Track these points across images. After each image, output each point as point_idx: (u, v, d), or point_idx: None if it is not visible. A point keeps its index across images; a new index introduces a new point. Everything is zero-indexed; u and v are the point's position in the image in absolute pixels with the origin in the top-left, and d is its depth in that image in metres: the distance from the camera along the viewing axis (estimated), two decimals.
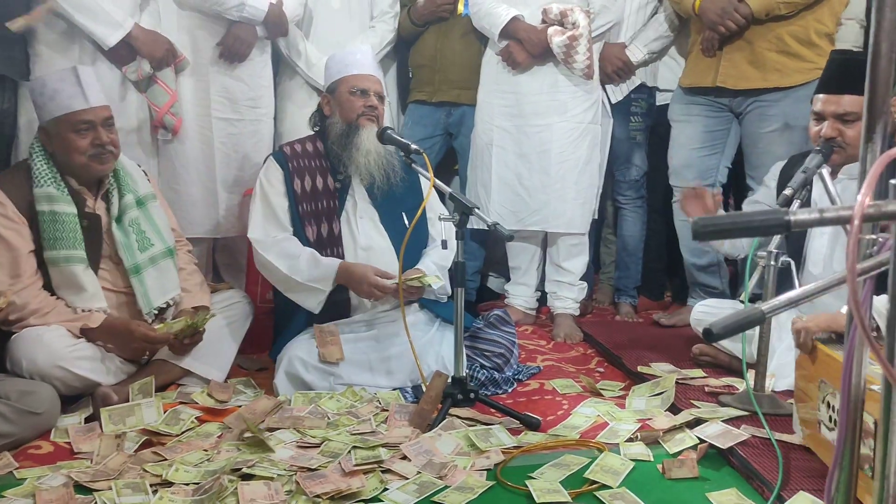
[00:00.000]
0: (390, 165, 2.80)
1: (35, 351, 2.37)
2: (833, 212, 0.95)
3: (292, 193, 2.80)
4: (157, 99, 3.09)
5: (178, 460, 2.08)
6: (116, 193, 2.64)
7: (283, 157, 2.85)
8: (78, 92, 2.53)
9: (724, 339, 1.06)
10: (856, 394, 1.20)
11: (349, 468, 2.00)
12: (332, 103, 2.87)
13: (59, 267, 2.49)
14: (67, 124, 2.52)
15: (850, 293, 0.92)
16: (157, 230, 2.72)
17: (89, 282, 2.53)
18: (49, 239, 2.48)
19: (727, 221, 0.98)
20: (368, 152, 2.77)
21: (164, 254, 2.72)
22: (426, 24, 3.67)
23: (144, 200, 2.73)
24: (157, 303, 2.66)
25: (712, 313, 2.84)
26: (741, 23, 3.16)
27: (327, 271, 2.69)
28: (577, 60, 3.29)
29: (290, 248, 2.74)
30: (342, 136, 2.81)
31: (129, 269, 2.62)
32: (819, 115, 2.54)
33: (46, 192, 2.50)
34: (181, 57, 3.15)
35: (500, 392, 2.73)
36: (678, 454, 2.14)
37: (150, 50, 3.03)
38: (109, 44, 2.94)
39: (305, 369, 2.63)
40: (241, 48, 3.22)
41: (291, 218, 2.80)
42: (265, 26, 3.28)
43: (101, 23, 2.92)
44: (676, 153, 3.52)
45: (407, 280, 2.65)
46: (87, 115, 2.54)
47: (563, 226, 3.47)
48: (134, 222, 2.66)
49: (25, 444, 2.21)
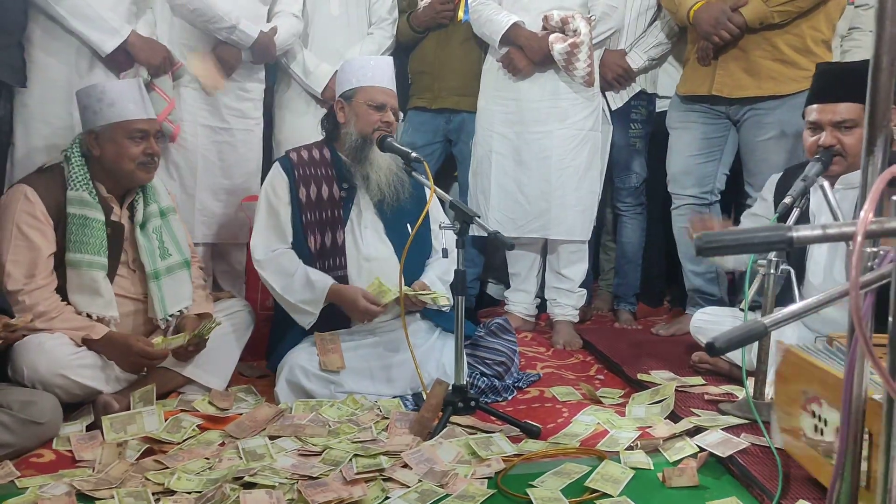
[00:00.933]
0: (400, 181, 2.80)
1: (36, 359, 2.37)
2: (836, 228, 0.96)
3: (297, 202, 2.80)
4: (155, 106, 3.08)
5: (180, 468, 2.08)
6: (142, 202, 2.70)
7: (289, 164, 2.84)
8: (140, 102, 2.65)
9: (726, 353, 1.06)
10: (857, 405, 1.21)
11: (350, 476, 2.01)
12: (348, 112, 2.82)
13: (80, 271, 2.52)
14: (124, 131, 2.59)
15: (852, 307, 0.93)
16: (176, 242, 2.78)
17: (106, 289, 2.56)
18: (75, 242, 2.52)
19: (730, 238, 0.99)
20: (381, 168, 2.77)
21: (181, 265, 2.76)
22: (426, 31, 3.68)
23: (166, 212, 2.79)
24: (171, 310, 2.70)
25: (712, 321, 2.85)
26: (735, 32, 3.17)
27: (318, 294, 2.69)
28: (578, 68, 3.30)
29: (286, 265, 2.74)
30: (356, 149, 2.79)
31: (149, 273, 2.66)
32: (815, 124, 2.55)
33: (80, 197, 2.55)
34: (178, 64, 3.17)
35: (501, 400, 2.74)
36: (678, 462, 2.15)
37: (147, 57, 3.03)
38: (106, 50, 2.95)
39: (306, 377, 2.64)
40: (222, 69, 3.25)
41: (294, 227, 2.80)
42: (251, 51, 3.29)
43: (98, 29, 2.93)
44: (674, 160, 3.53)
45: (418, 296, 2.65)
46: (144, 125, 2.63)
47: (563, 233, 3.48)
48: (157, 230, 2.72)
49: (27, 454, 2.21)
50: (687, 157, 3.47)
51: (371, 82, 2.80)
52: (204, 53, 3.22)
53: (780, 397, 2.12)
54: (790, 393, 2.04)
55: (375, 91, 2.79)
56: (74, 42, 2.96)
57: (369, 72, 2.81)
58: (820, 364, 1.93)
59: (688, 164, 3.47)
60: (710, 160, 3.45)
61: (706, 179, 3.46)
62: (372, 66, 2.83)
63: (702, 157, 3.45)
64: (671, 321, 3.67)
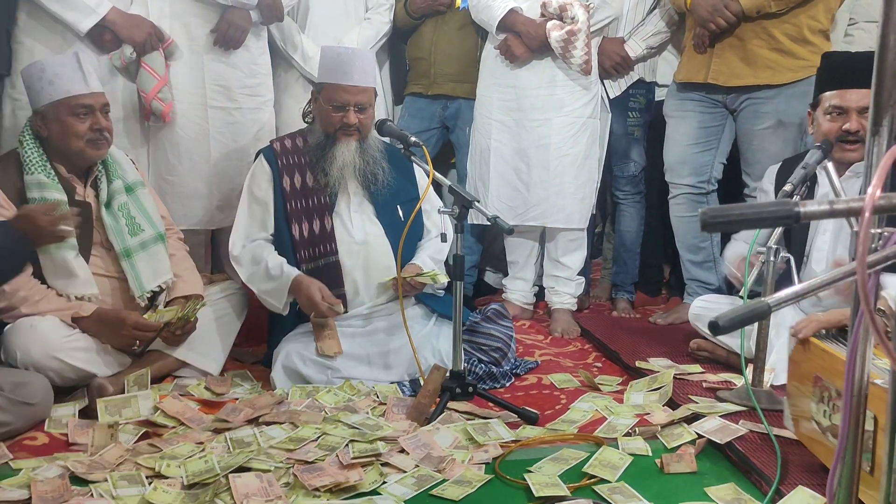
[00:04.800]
0: (370, 171, 2.77)
1: (29, 342, 2.36)
2: (843, 203, 0.95)
3: (280, 191, 2.78)
4: (144, 85, 3.00)
5: (168, 453, 2.06)
6: (105, 179, 2.64)
7: (272, 154, 2.82)
8: (79, 76, 2.54)
9: (730, 332, 1.04)
10: (859, 388, 1.20)
11: (347, 461, 1.99)
12: (315, 107, 2.83)
13: (50, 254, 2.47)
14: (67, 108, 2.52)
15: (859, 285, 0.91)
16: (147, 216, 2.72)
17: (80, 268, 2.52)
18: None
19: (736, 213, 0.97)
20: (345, 166, 2.75)
21: (155, 239, 2.70)
22: (422, 17, 3.65)
23: (133, 187, 2.72)
24: (149, 286, 2.65)
25: (711, 308, 2.84)
26: (731, 20, 3.15)
27: (280, 285, 2.68)
28: (575, 56, 3.28)
29: (257, 255, 2.74)
30: (319, 147, 2.79)
31: (120, 252, 2.61)
32: (839, 109, 2.54)
33: (37, 180, 2.49)
34: (168, 40, 3.06)
35: (498, 386, 2.73)
36: (676, 449, 2.14)
37: (129, 34, 2.95)
38: (82, 30, 2.89)
39: (303, 363, 2.63)
40: (235, 34, 3.16)
41: (277, 217, 2.79)
42: (259, 11, 3.21)
43: (73, 9, 2.86)
44: (671, 150, 3.52)
45: (417, 277, 2.64)
46: (88, 100, 2.54)
47: (561, 221, 3.46)
48: (123, 207, 2.65)
49: (19, 436, 2.20)
50: (684, 147, 3.45)
51: (336, 79, 2.74)
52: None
53: (792, 386, 2.11)
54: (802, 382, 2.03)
55: (338, 91, 2.73)
56: (61, 26, 2.90)
57: (337, 68, 2.74)
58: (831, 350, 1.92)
59: (684, 154, 3.45)
60: (707, 149, 3.44)
61: (703, 169, 3.44)
62: (341, 62, 2.74)
63: (698, 147, 3.43)
64: (669, 310, 3.65)
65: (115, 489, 1.87)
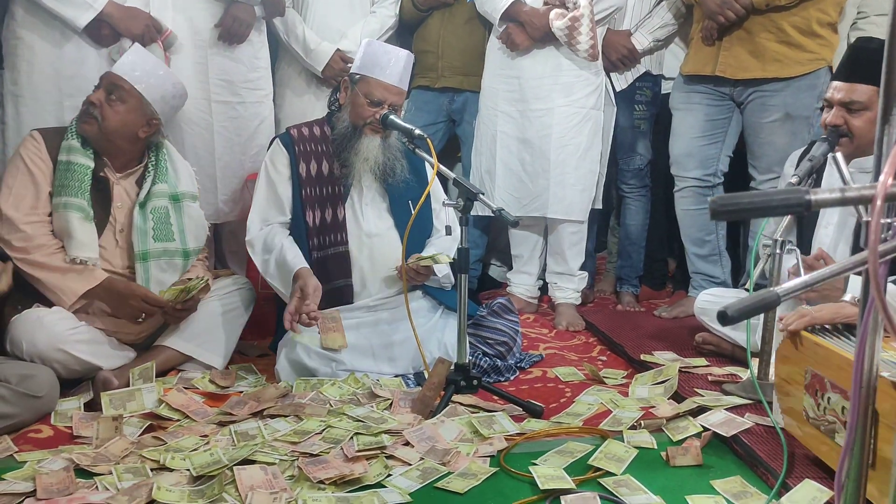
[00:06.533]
0: (389, 168, 2.78)
1: (35, 333, 2.36)
2: (854, 191, 0.94)
3: (297, 177, 2.78)
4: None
5: (174, 445, 2.07)
6: (151, 180, 2.69)
7: (289, 139, 2.83)
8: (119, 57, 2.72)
9: (739, 321, 1.04)
10: (868, 380, 1.19)
11: (352, 454, 1.99)
12: (348, 95, 2.80)
13: (59, 213, 2.53)
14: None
15: (871, 273, 0.90)
16: (183, 229, 2.74)
17: (81, 231, 2.53)
18: (59, 186, 2.55)
19: (745, 201, 0.96)
20: (367, 160, 2.76)
21: (181, 253, 2.73)
22: (429, 10, 3.64)
23: (181, 197, 2.76)
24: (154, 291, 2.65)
25: (716, 301, 2.82)
26: (741, 13, 3.14)
27: (286, 274, 2.65)
28: (581, 41, 3.26)
29: (269, 243, 2.73)
30: (345, 137, 2.78)
31: (137, 254, 2.63)
32: (828, 102, 2.52)
33: (69, 144, 2.59)
34: (167, 32, 3.05)
35: (503, 380, 2.72)
36: (682, 442, 2.13)
37: (127, 26, 2.96)
38: (80, 25, 2.89)
39: (307, 355, 2.62)
40: (240, 29, 3.16)
41: (293, 202, 2.78)
42: (263, 5, 3.23)
43: (70, 4, 2.86)
44: (677, 142, 3.50)
45: (419, 260, 2.63)
46: (108, 77, 2.65)
47: (561, 212, 3.44)
48: (157, 211, 2.68)
49: (25, 428, 2.20)
50: (690, 140, 3.44)
51: (377, 75, 2.74)
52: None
53: (781, 380, 2.10)
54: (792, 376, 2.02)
55: (378, 86, 2.74)
56: (58, 21, 2.90)
57: (381, 64, 2.75)
58: (825, 344, 1.91)
59: (690, 147, 3.44)
60: (714, 142, 3.42)
61: (709, 161, 3.43)
62: (385, 59, 2.76)
63: (705, 140, 3.42)
64: (674, 303, 3.65)
65: (119, 482, 1.86)
